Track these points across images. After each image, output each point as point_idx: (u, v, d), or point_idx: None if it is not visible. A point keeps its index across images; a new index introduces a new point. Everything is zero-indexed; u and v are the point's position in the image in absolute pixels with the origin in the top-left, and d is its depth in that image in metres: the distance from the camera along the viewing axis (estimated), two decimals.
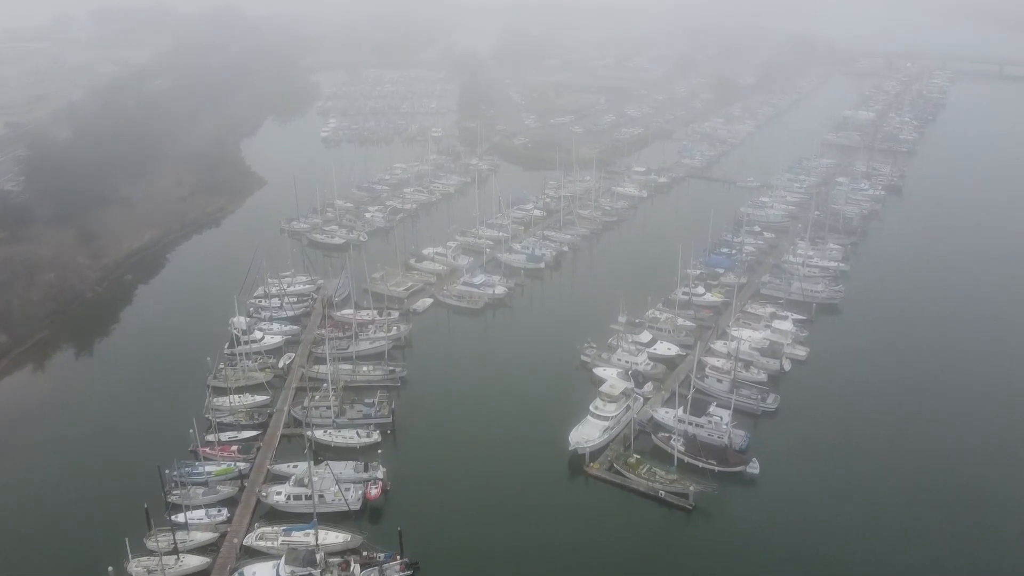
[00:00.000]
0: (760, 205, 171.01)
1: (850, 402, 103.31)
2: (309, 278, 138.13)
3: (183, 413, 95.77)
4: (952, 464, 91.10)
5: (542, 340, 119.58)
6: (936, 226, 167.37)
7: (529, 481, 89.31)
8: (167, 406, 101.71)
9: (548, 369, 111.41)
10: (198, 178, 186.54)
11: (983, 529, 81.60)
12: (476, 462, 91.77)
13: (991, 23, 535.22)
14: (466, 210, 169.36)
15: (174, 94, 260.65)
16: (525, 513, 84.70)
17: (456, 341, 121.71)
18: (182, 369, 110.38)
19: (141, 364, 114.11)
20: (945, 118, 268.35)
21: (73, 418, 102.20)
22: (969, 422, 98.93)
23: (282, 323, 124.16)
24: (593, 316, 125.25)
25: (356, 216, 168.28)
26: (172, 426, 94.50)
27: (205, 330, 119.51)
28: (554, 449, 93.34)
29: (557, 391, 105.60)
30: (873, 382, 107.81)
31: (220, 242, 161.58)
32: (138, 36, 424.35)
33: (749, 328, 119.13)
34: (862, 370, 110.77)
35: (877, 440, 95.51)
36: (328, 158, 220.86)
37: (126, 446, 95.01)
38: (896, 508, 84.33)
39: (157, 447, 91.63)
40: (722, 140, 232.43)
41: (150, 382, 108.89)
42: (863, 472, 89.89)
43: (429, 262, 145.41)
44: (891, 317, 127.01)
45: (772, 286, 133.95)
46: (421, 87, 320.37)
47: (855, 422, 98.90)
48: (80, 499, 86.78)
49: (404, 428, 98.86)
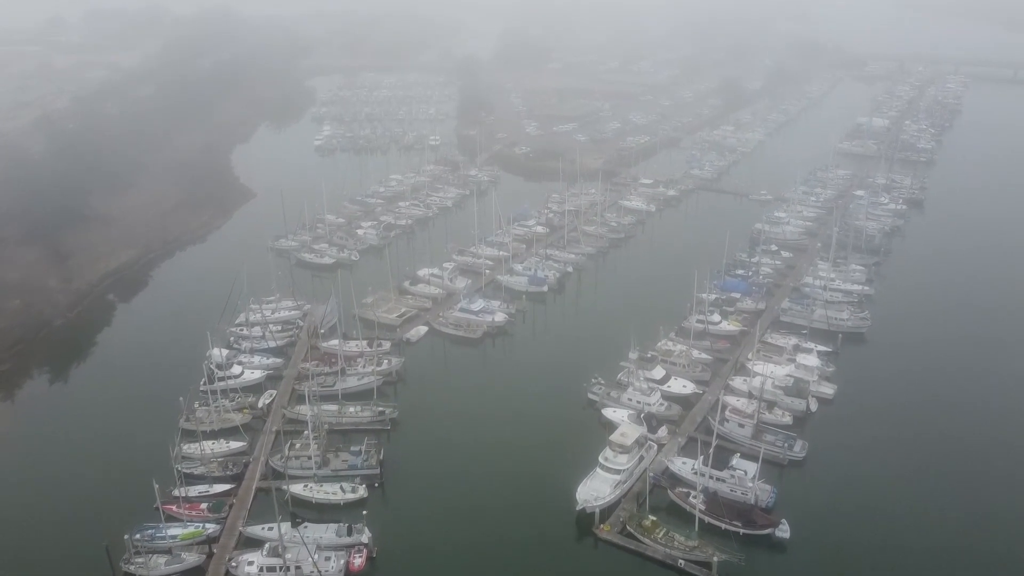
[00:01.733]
0: (775, 221, 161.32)
1: (884, 449, 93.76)
2: (295, 303, 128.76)
3: (150, 462, 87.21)
4: (1011, 527, 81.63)
5: (546, 375, 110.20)
6: (961, 243, 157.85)
7: (533, 546, 79.89)
8: (132, 453, 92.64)
9: (552, 409, 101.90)
10: (183, 191, 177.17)
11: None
12: (473, 524, 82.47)
13: (998, 24, 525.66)
14: (464, 226, 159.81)
15: (162, 101, 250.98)
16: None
17: (452, 375, 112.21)
18: (152, 409, 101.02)
19: (108, 404, 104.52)
20: (962, 125, 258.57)
21: (27, 469, 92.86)
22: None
23: (264, 355, 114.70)
24: (600, 346, 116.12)
25: (348, 233, 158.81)
26: (136, 478, 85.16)
27: (180, 363, 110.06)
28: (560, 507, 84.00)
29: (562, 436, 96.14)
30: (908, 423, 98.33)
31: (203, 262, 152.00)
32: (130, 39, 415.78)
33: (771, 362, 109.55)
34: (895, 409, 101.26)
35: (915, 495, 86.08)
36: (321, 168, 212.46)
37: (83, 503, 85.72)
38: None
39: (118, 504, 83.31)
40: (731, 149, 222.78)
41: (116, 426, 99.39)
42: (901, 534, 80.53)
43: (424, 285, 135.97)
44: (921, 346, 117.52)
45: (793, 313, 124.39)
46: (419, 92, 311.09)
47: (891, 474, 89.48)
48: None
49: (393, 481, 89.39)
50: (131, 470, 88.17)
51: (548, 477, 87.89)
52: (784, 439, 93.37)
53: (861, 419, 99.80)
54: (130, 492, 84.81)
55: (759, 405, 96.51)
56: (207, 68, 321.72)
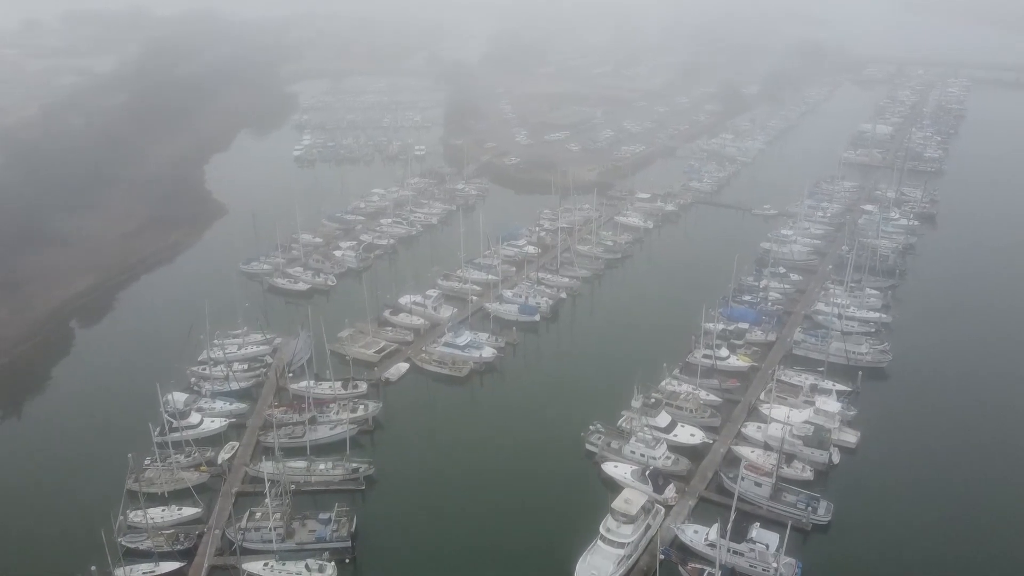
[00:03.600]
0: (782, 240, 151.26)
1: (916, 505, 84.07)
2: (264, 337, 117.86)
3: (89, 539, 75.90)
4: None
5: (539, 421, 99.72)
6: (979, 261, 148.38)
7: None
8: (68, 525, 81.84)
9: (547, 464, 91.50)
10: (150, 208, 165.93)
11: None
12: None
13: (993, 25, 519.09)
14: (450, 245, 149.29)
15: (135, 109, 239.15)
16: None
17: (435, 422, 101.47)
18: (97, 468, 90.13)
19: (46, 463, 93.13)
20: (967, 131, 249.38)
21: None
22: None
23: (226, 400, 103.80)
24: (598, 384, 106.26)
25: (324, 255, 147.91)
26: (71, 559, 74.46)
27: (134, 410, 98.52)
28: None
29: (559, 498, 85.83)
30: (940, 471, 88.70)
31: (168, 288, 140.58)
32: (108, 42, 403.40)
33: (786, 405, 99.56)
34: (924, 456, 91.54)
35: (955, 562, 76.21)
36: (299, 181, 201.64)
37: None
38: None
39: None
40: (731, 159, 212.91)
41: (51, 493, 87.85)
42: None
43: (406, 315, 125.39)
44: (948, 381, 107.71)
45: (807, 346, 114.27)
46: (406, 97, 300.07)
47: (926, 536, 79.60)
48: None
49: (367, 556, 78.86)
50: (66, 549, 77.51)
51: (543, 549, 77.77)
52: (807, 500, 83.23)
53: (889, 470, 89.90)
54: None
55: (779, 460, 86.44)
56: (186, 73, 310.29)
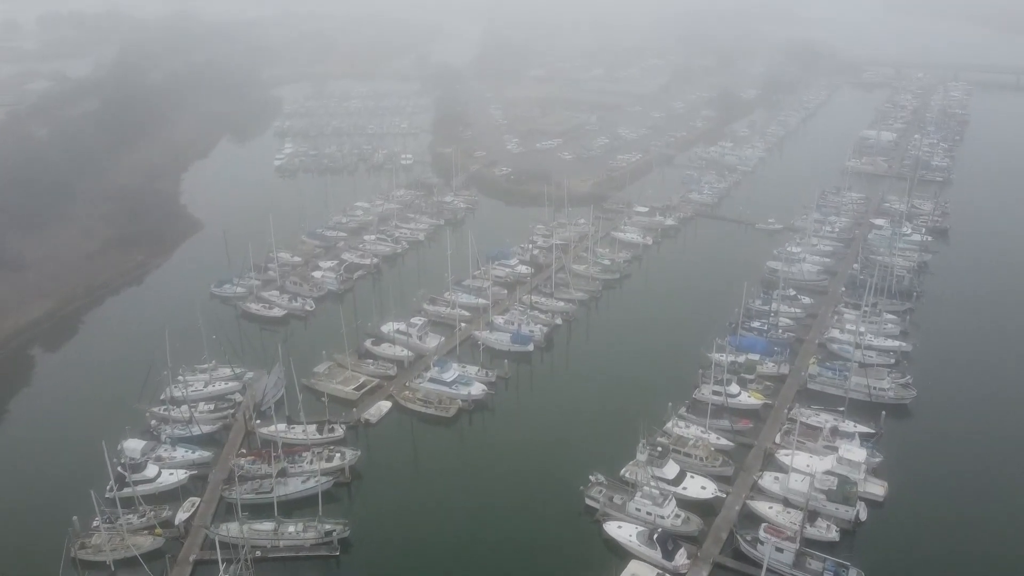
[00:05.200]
0: (790, 258, 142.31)
1: (952, 569, 75.31)
2: (233, 372, 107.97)
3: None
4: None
5: (534, 468, 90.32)
6: (998, 280, 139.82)
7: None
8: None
9: (543, 520, 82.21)
10: (116, 225, 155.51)
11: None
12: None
13: (985, 25, 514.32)
14: (437, 265, 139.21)
15: (107, 115, 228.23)
16: None
17: (419, 471, 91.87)
18: (36, 533, 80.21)
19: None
20: (973, 137, 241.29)
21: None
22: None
23: (188, 447, 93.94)
24: (598, 426, 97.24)
25: (302, 277, 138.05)
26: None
27: (84, 460, 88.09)
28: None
29: (556, 563, 76.66)
30: (976, 526, 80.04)
31: (132, 315, 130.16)
32: (85, 44, 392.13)
33: (804, 450, 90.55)
34: (958, 508, 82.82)
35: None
36: (279, 193, 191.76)
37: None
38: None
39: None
40: (731, 168, 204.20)
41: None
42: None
43: (388, 345, 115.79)
44: (977, 418, 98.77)
45: (823, 380, 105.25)
46: (392, 103, 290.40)
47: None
48: None
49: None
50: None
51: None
52: (834, 569, 74.06)
53: (920, 528, 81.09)
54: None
55: (803, 521, 77.39)
56: (164, 77, 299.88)
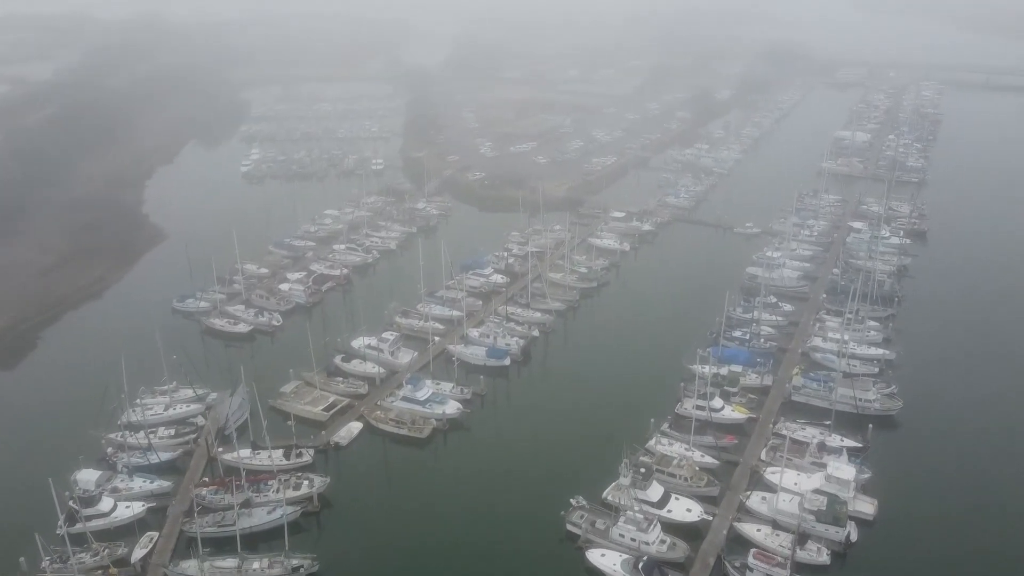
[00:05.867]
0: (770, 263, 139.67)
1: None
2: (195, 393, 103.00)
3: None
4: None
5: (512, 492, 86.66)
6: (978, 282, 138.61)
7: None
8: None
9: (522, 549, 78.54)
10: (73, 239, 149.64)
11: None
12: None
13: (944, 22, 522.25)
14: (409, 274, 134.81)
15: (68, 121, 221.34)
16: None
17: (391, 497, 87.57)
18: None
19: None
20: (946, 137, 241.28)
21: None
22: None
23: (147, 477, 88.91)
24: (578, 444, 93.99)
25: (269, 291, 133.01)
26: None
27: (35, 493, 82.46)
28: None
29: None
30: (968, 544, 77.65)
31: (90, 333, 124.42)
32: (48, 47, 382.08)
33: (791, 467, 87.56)
34: (949, 527, 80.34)
35: None
36: (246, 200, 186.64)
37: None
38: None
39: None
40: (707, 170, 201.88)
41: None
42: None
43: (359, 362, 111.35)
44: (963, 428, 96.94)
45: (808, 392, 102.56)
46: (363, 105, 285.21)
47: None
48: None
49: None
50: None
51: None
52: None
53: (912, 547, 78.44)
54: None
55: (794, 545, 74.34)
56: (129, 81, 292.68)
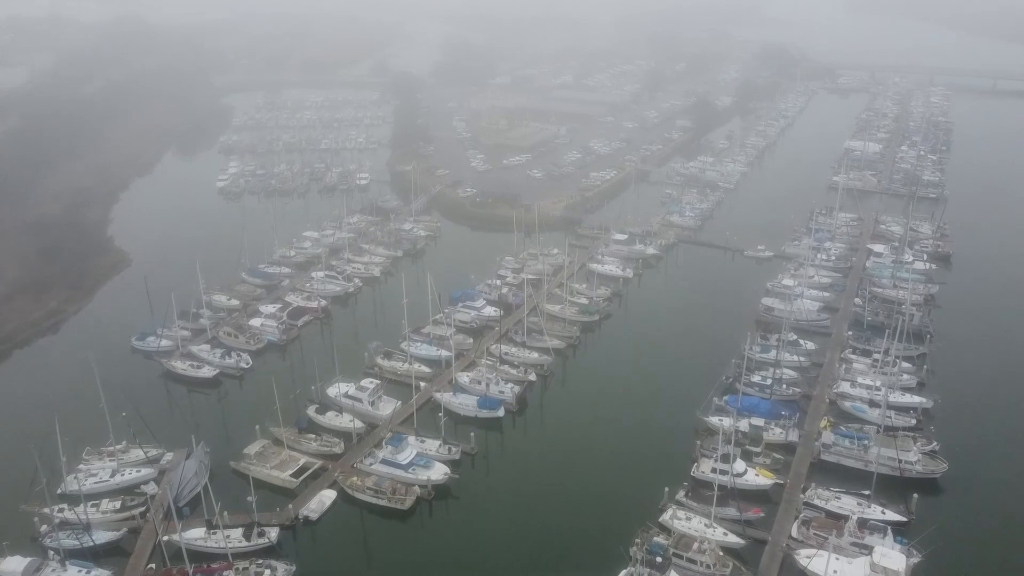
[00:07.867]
0: (786, 294, 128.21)
1: None
2: (146, 455, 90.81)
3: None
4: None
5: (505, 574, 75.18)
6: (1011, 311, 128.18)
7: None
8: None
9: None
10: (26, 267, 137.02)
11: None
12: None
13: (939, 24, 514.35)
14: (393, 307, 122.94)
15: (32, 134, 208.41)
16: None
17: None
18: None
19: None
20: (960, 147, 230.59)
21: None
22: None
23: (83, 567, 76.62)
24: (582, 519, 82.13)
25: (238, 328, 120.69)
26: None
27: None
28: None
29: None
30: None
31: (37, 377, 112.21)
32: (22, 52, 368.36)
33: (826, 549, 75.91)
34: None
35: None
36: (220, 219, 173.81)
37: None
38: None
39: None
40: (712, 185, 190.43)
41: None
42: None
43: (335, 414, 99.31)
44: (1018, 494, 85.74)
45: (840, 451, 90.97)
46: (349, 114, 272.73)
47: None
48: None
49: None
50: None
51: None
52: None
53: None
54: None
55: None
56: (103, 87, 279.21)
